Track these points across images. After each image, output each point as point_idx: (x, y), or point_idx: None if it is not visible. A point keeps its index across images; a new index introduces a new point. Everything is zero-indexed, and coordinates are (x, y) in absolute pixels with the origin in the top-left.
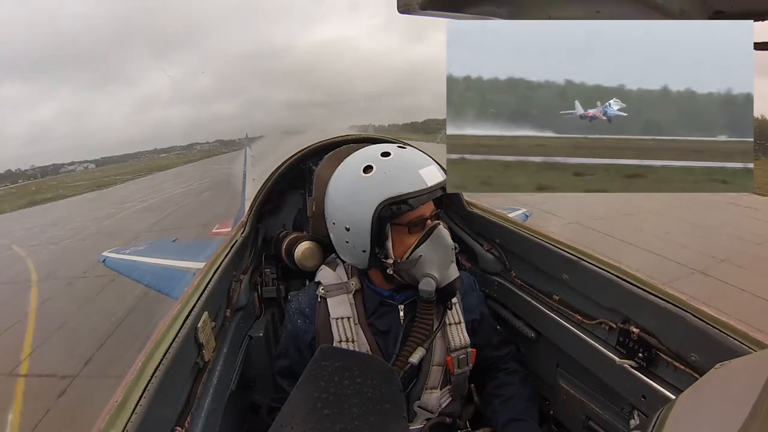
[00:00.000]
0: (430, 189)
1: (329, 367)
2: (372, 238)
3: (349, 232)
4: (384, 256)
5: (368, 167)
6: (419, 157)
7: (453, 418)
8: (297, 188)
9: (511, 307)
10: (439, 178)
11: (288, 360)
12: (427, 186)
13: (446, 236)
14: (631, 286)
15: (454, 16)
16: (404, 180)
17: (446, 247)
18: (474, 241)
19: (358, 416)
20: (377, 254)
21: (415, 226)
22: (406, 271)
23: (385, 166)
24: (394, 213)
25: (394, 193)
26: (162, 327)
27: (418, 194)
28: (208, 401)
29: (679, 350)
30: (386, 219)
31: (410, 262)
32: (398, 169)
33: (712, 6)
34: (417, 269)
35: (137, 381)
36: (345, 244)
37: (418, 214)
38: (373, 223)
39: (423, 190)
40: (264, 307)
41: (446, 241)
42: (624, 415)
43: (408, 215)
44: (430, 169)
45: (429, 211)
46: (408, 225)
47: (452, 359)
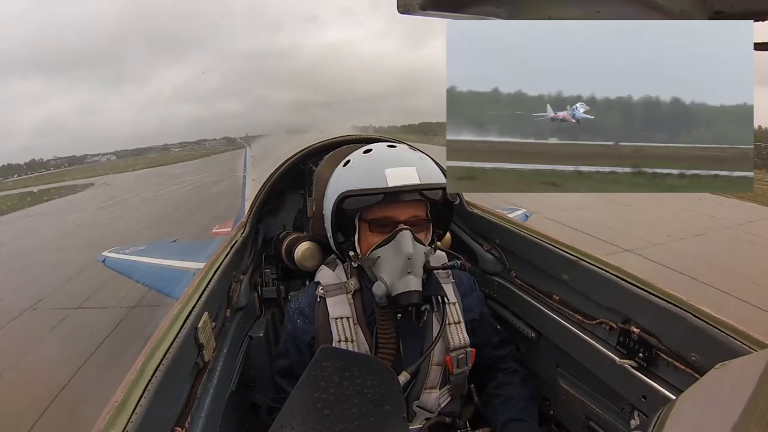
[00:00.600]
0: (390, 189)
1: (329, 368)
2: (333, 226)
3: (324, 218)
4: (350, 248)
5: (347, 161)
6: (397, 157)
7: (452, 417)
8: (297, 188)
9: (511, 307)
10: (411, 180)
11: (288, 360)
12: (386, 185)
13: (406, 245)
14: (631, 286)
15: (453, 16)
16: (366, 177)
17: (402, 256)
18: (474, 241)
19: (358, 416)
20: (342, 244)
21: (382, 226)
22: (368, 268)
23: (359, 162)
24: (353, 206)
25: (351, 187)
26: (162, 327)
27: (373, 192)
28: (208, 401)
29: (679, 350)
30: (347, 212)
31: (369, 260)
32: (366, 165)
33: (712, 6)
34: (375, 270)
35: (137, 381)
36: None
37: (385, 214)
38: (333, 212)
39: (380, 189)
40: (264, 307)
41: (405, 249)
42: (624, 415)
43: (372, 212)
44: (402, 170)
45: (404, 214)
46: (370, 222)
47: (451, 359)
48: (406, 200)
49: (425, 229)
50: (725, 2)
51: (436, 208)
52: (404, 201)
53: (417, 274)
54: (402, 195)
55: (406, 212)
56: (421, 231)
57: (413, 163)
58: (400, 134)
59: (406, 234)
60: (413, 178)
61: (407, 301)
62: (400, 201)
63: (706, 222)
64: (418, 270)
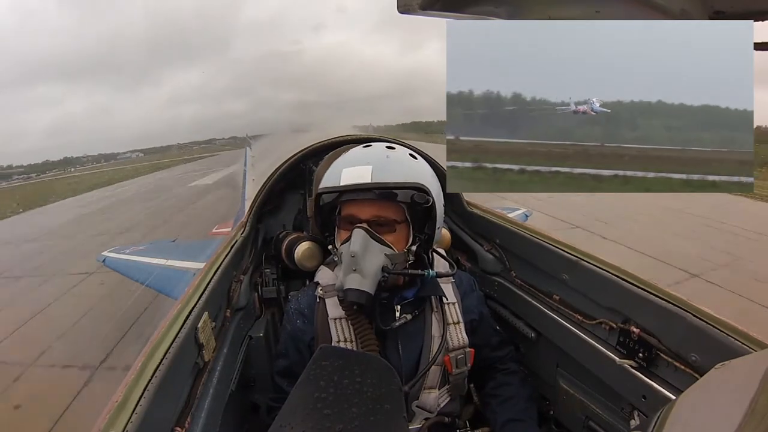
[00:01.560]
0: (341, 188)
1: (329, 367)
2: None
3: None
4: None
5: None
6: (358, 157)
7: (452, 417)
8: (297, 188)
9: (511, 307)
10: (362, 179)
11: (287, 360)
12: (339, 184)
13: (353, 243)
14: (631, 286)
15: (453, 16)
16: (330, 176)
17: (348, 253)
18: (474, 241)
19: (358, 416)
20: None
21: (348, 224)
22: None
23: (334, 163)
24: (324, 203)
25: (320, 187)
26: (162, 327)
27: (328, 190)
28: (208, 401)
29: (679, 350)
30: (324, 209)
31: (337, 256)
32: (334, 165)
33: (712, 6)
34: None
35: (137, 381)
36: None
37: (347, 213)
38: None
39: (333, 188)
40: (264, 307)
41: (351, 246)
42: (624, 415)
43: (341, 210)
44: (356, 169)
45: (364, 214)
46: (342, 220)
47: (450, 359)
48: (361, 199)
49: (393, 231)
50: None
51: (414, 209)
52: (361, 200)
53: (364, 273)
54: (354, 193)
55: (367, 211)
56: (387, 232)
57: (371, 162)
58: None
59: (357, 232)
60: (363, 177)
61: (350, 299)
62: (355, 200)
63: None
64: (366, 269)
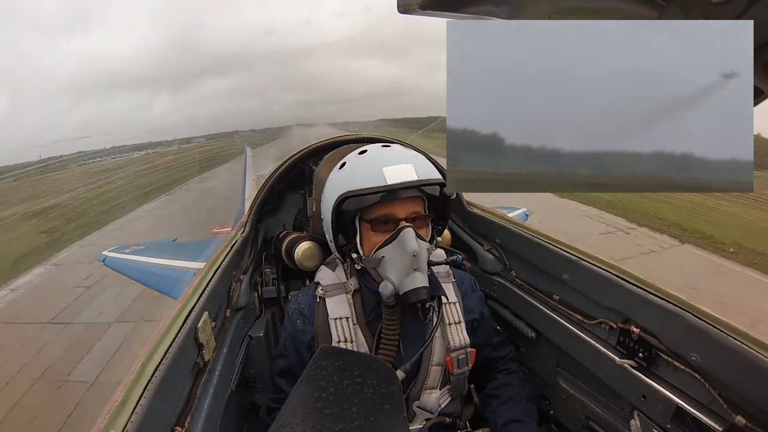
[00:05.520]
0: (390, 187)
1: (329, 367)
2: (333, 229)
3: (323, 222)
4: (353, 250)
5: (343, 164)
6: (393, 155)
7: (453, 418)
8: (297, 188)
9: (511, 307)
10: (409, 177)
11: (287, 360)
12: (386, 183)
13: (410, 242)
14: (631, 286)
15: (453, 16)
16: (364, 176)
17: (407, 254)
18: (474, 241)
19: (358, 416)
20: (344, 247)
21: (383, 224)
22: (372, 269)
23: (355, 163)
24: (353, 207)
25: (350, 188)
26: (162, 327)
27: (374, 191)
28: (208, 401)
29: (679, 350)
30: (347, 213)
31: (373, 260)
32: (363, 166)
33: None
34: (380, 270)
35: (137, 381)
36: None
37: (385, 212)
38: (333, 214)
39: (381, 187)
40: (264, 307)
41: (409, 246)
42: (624, 415)
43: (372, 212)
44: (399, 167)
45: (404, 212)
46: (371, 222)
47: (452, 359)
48: (405, 197)
49: (425, 226)
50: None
51: (433, 203)
52: (403, 198)
53: (423, 270)
54: (401, 192)
55: (406, 209)
56: (421, 227)
57: (409, 160)
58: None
59: (410, 231)
60: (411, 175)
61: (416, 298)
62: (399, 198)
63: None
64: (423, 266)
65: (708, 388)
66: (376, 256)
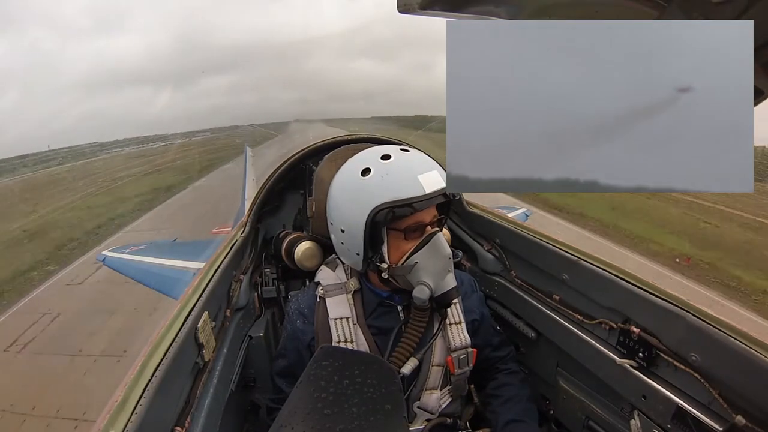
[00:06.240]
0: (429, 196)
1: (329, 367)
2: (365, 241)
3: (344, 234)
4: (379, 260)
5: (366, 170)
6: (420, 162)
7: (453, 418)
8: (297, 188)
9: (511, 307)
10: (440, 184)
11: (287, 360)
12: (425, 193)
13: (444, 245)
14: (631, 286)
15: (453, 16)
16: (401, 185)
17: (443, 257)
18: (474, 241)
19: (358, 416)
20: (371, 258)
21: (413, 231)
22: (401, 276)
23: (384, 170)
24: (390, 218)
25: (389, 198)
26: (162, 327)
27: (415, 200)
28: (208, 401)
29: (679, 350)
30: (381, 224)
31: (405, 268)
32: (396, 173)
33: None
34: (412, 276)
35: (137, 381)
36: (341, 245)
37: (416, 220)
38: (367, 226)
39: (421, 197)
40: (264, 307)
41: (444, 250)
42: (624, 415)
43: (405, 221)
44: (430, 174)
45: (429, 217)
46: (404, 230)
47: (452, 359)
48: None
49: (442, 227)
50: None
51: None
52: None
53: (453, 271)
54: (435, 199)
55: (431, 214)
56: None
57: (434, 166)
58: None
59: (441, 236)
60: (441, 182)
61: (451, 299)
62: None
63: None
64: (452, 267)
65: (708, 388)
66: (408, 263)
